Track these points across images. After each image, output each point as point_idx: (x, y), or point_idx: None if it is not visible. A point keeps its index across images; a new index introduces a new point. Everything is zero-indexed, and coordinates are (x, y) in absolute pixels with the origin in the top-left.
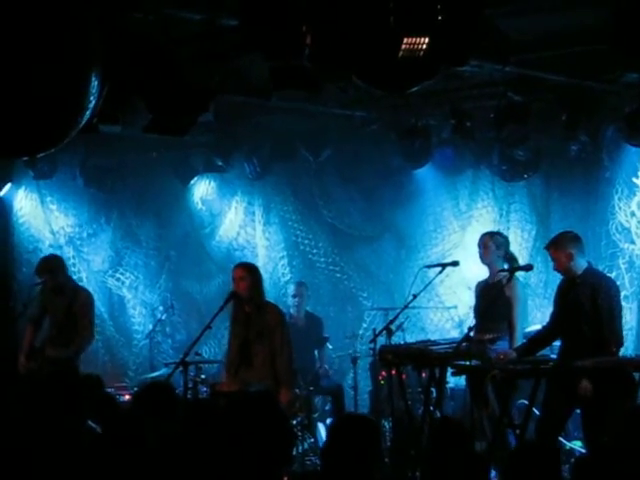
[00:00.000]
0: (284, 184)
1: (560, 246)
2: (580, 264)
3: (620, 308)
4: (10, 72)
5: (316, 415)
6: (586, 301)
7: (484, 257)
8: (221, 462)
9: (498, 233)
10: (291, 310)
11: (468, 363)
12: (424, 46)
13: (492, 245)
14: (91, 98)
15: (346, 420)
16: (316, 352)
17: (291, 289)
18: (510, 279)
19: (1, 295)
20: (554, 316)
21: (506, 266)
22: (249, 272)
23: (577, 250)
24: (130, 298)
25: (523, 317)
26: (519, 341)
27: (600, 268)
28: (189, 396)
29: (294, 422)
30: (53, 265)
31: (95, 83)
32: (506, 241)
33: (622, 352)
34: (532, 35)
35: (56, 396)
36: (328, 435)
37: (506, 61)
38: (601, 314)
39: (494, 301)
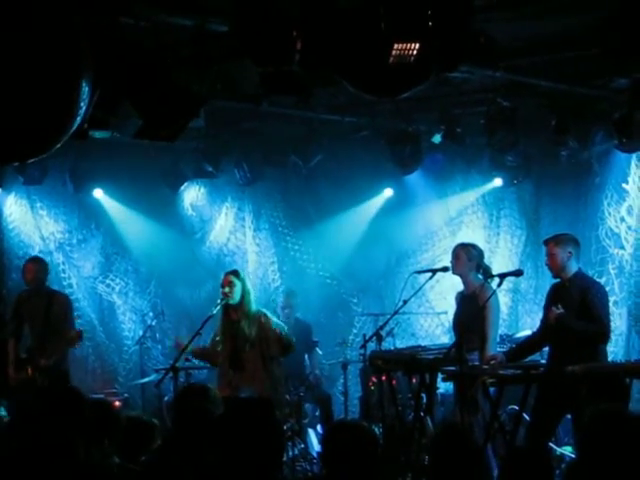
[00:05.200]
0: (274, 190)
1: (561, 243)
2: (573, 267)
3: (608, 308)
4: (0, 78)
5: (306, 421)
6: (575, 303)
7: (456, 268)
8: (215, 466)
9: (472, 245)
10: (281, 319)
11: (458, 369)
12: (415, 52)
13: (464, 256)
14: (82, 104)
15: (338, 428)
16: (306, 358)
17: (280, 299)
18: (483, 288)
19: None
20: (544, 322)
21: (480, 277)
22: (239, 279)
23: (575, 252)
24: (120, 304)
25: (496, 326)
26: (492, 349)
27: (590, 273)
28: None
29: (284, 428)
30: (44, 268)
31: (86, 89)
32: (479, 253)
33: (612, 357)
34: (522, 41)
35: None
36: (322, 444)
37: (496, 67)
38: (590, 309)
39: (473, 314)
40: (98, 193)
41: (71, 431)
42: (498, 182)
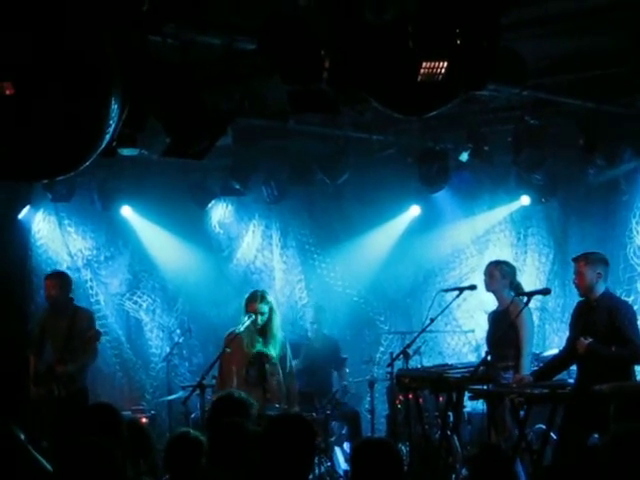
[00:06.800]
0: (301, 208)
1: (591, 263)
2: (601, 287)
3: (638, 327)
4: (30, 96)
5: (333, 439)
6: (602, 323)
7: (490, 286)
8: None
9: (505, 262)
10: (309, 333)
11: (485, 387)
12: (443, 70)
13: (498, 274)
14: (111, 122)
15: (365, 445)
16: (335, 373)
17: (310, 314)
18: (514, 303)
19: (19, 317)
20: (570, 340)
21: (512, 294)
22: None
23: (604, 273)
24: (147, 321)
25: (531, 342)
26: (527, 366)
27: (618, 292)
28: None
29: None
30: (63, 282)
31: (115, 107)
32: (512, 270)
33: None
34: (549, 59)
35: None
36: (349, 462)
37: (523, 85)
38: (621, 331)
39: (504, 329)
40: (126, 210)
41: (113, 448)
42: (525, 200)
